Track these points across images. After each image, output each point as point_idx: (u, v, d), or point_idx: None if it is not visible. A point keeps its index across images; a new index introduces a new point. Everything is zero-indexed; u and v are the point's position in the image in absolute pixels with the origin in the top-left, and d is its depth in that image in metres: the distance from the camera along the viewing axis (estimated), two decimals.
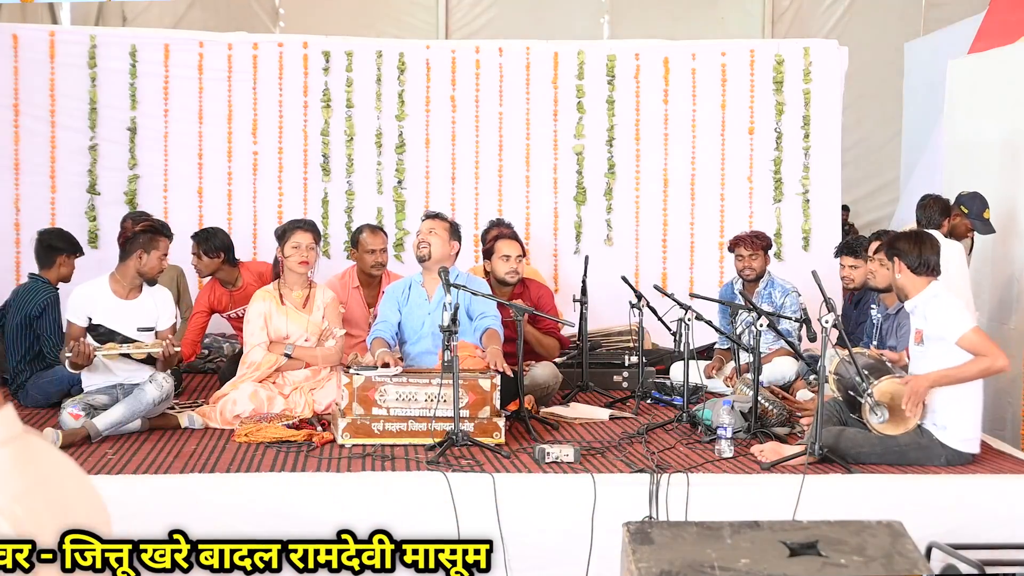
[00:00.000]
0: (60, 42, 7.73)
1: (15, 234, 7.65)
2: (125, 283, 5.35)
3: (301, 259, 5.70)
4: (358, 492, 4.38)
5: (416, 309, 5.72)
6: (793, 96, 8.06)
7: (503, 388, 5.20)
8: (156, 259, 5.38)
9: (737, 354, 6.20)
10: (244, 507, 4.30)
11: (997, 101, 7.02)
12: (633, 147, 8.09)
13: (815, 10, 11.49)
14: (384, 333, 5.61)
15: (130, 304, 5.34)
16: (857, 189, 10.89)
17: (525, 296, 6.44)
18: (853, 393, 4.86)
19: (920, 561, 3.07)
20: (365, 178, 7.97)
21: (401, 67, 7.98)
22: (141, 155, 7.81)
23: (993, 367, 4.64)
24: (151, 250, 5.35)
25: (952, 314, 4.67)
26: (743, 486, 4.50)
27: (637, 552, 3.01)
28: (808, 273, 5.16)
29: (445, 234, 5.66)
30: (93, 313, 5.28)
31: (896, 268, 4.81)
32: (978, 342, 4.61)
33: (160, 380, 5.15)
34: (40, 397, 5.78)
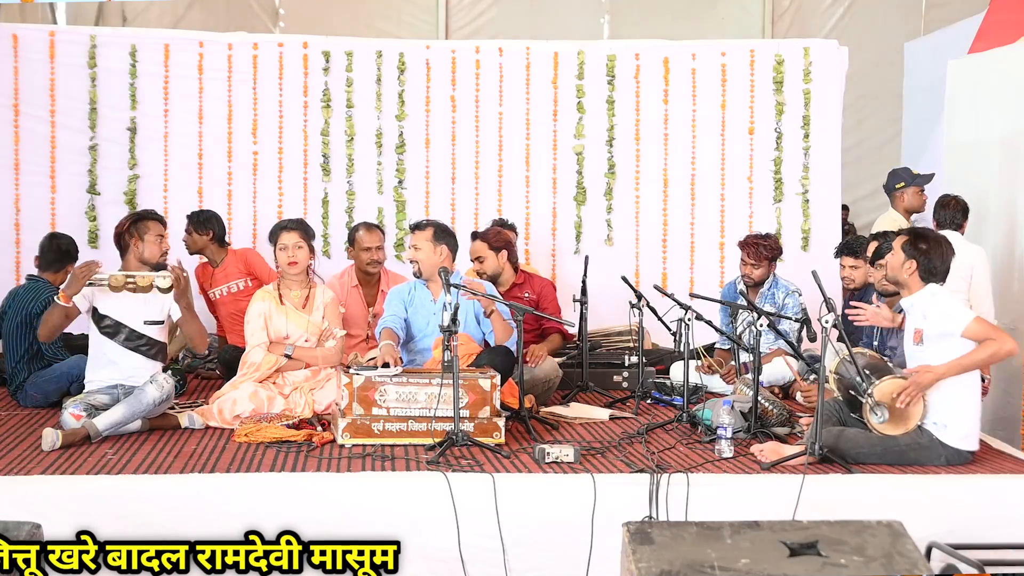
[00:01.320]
0: (60, 42, 7.73)
1: (15, 234, 7.65)
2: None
3: (289, 259, 5.74)
4: (358, 492, 4.38)
5: (422, 308, 5.78)
6: (793, 96, 8.06)
7: (501, 367, 5.27)
8: (152, 243, 5.41)
9: (737, 354, 6.20)
10: (245, 506, 4.30)
11: (997, 101, 7.02)
12: (633, 147, 8.09)
13: (815, 10, 11.48)
14: (393, 324, 5.66)
15: (137, 298, 5.34)
16: (857, 189, 10.87)
17: (527, 287, 6.49)
18: (853, 393, 4.86)
19: (920, 561, 3.08)
20: (365, 178, 7.97)
21: (401, 67, 7.98)
22: (141, 155, 7.80)
23: (1002, 350, 4.64)
24: (144, 235, 5.40)
25: (952, 308, 4.69)
26: (743, 486, 4.50)
27: (637, 552, 3.01)
28: (808, 273, 5.16)
29: (428, 244, 5.70)
30: (100, 303, 5.29)
31: (907, 267, 4.80)
32: (984, 329, 4.63)
33: (160, 380, 5.16)
34: (39, 396, 5.79)
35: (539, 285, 6.60)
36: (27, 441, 5.00)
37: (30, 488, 4.30)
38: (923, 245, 4.79)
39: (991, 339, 4.61)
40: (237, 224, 7.70)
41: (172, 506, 4.28)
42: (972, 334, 4.62)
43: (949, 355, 4.66)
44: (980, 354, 4.64)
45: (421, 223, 5.83)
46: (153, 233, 5.43)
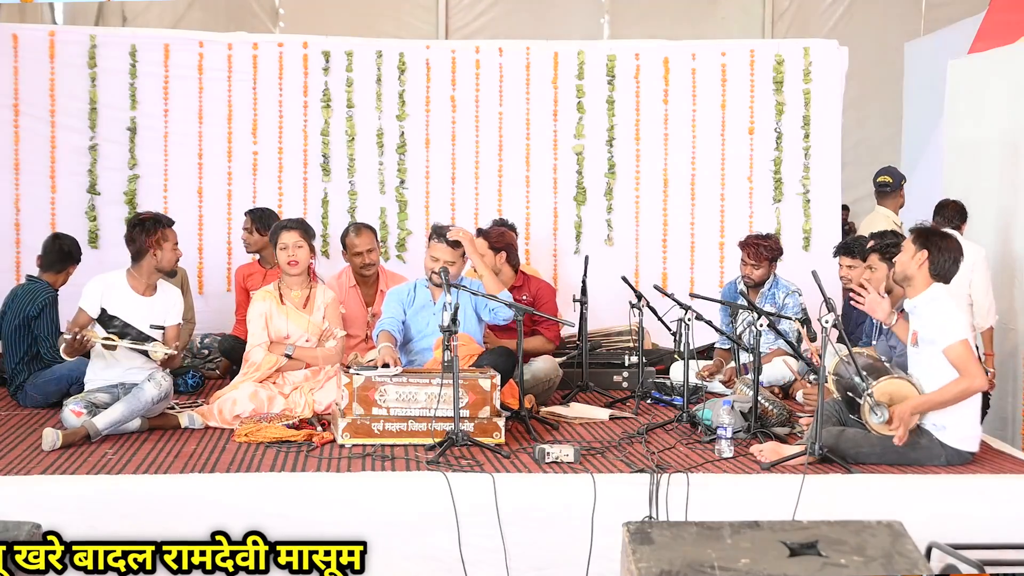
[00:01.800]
0: (60, 42, 7.72)
1: (15, 234, 7.64)
2: (142, 280, 5.41)
3: (289, 259, 5.74)
4: (358, 492, 4.38)
5: (422, 310, 5.76)
6: (793, 96, 8.05)
7: (502, 367, 5.26)
8: (170, 251, 5.45)
9: (737, 354, 6.20)
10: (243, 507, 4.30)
11: (997, 101, 7.02)
12: (633, 147, 8.09)
13: (815, 10, 11.47)
14: (391, 326, 5.64)
15: (146, 301, 5.38)
16: (857, 189, 10.85)
17: (524, 289, 6.49)
18: (852, 393, 4.86)
19: (920, 561, 3.08)
20: (365, 178, 7.96)
21: (401, 67, 7.97)
22: (141, 155, 7.80)
23: (971, 388, 4.65)
24: (163, 243, 5.41)
25: (946, 321, 4.67)
26: (743, 486, 4.50)
27: (637, 552, 3.01)
28: (808, 273, 5.16)
29: (461, 261, 5.68)
30: (109, 304, 5.30)
31: (919, 260, 4.78)
32: (962, 356, 4.61)
33: (159, 379, 5.17)
34: (39, 397, 5.79)
35: (536, 287, 6.60)
36: (27, 441, 5.01)
37: (30, 488, 4.30)
38: (938, 241, 4.79)
39: (963, 372, 4.60)
40: (237, 224, 7.68)
41: (172, 506, 4.28)
42: (952, 356, 4.62)
43: (934, 364, 4.68)
44: (949, 392, 4.64)
45: (449, 239, 5.61)
46: (172, 242, 5.47)
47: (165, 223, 5.50)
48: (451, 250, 5.59)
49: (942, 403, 4.68)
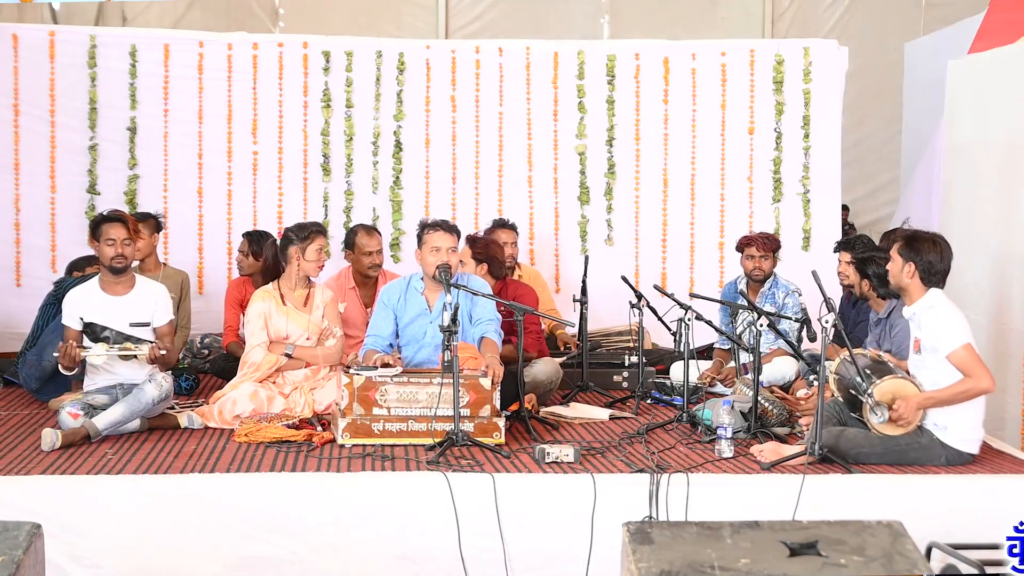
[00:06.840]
0: (60, 42, 7.72)
1: (15, 234, 7.64)
2: (109, 280, 5.35)
3: (321, 264, 5.80)
4: (358, 492, 4.38)
5: (417, 319, 5.56)
6: (793, 96, 8.06)
7: (503, 389, 5.20)
8: (106, 246, 5.26)
9: (737, 354, 6.20)
10: (243, 507, 4.30)
11: (997, 101, 7.01)
12: (633, 147, 8.10)
13: (815, 10, 11.49)
14: (375, 346, 5.49)
15: (120, 300, 5.34)
16: (857, 189, 10.88)
17: (504, 295, 6.24)
18: (854, 393, 4.86)
19: (920, 561, 3.07)
20: (365, 178, 7.97)
21: (401, 67, 7.98)
22: (141, 155, 7.80)
23: (976, 388, 4.65)
24: (100, 239, 5.30)
25: (946, 328, 4.66)
26: (743, 486, 4.50)
27: (637, 552, 3.01)
28: (808, 273, 5.16)
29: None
30: (85, 312, 5.29)
31: (907, 271, 4.78)
32: (966, 360, 4.61)
33: (159, 379, 5.17)
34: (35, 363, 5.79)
35: (514, 292, 6.28)
36: (27, 441, 5.01)
37: (30, 488, 4.30)
38: (921, 246, 4.78)
39: (968, 374, 4.60)
40: (237, 224, 7.69)
41: (172, 506, 4.29)
42: (956, 361, 4.62)
43: (940, 367, 4.68)
44: (954, 391, 4.64)
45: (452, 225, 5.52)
46: (106, 236, 5.29)
47: (112, 218, 5.37)
48: (451, 236, 5.42)
49: (947, 400, 4.67)
